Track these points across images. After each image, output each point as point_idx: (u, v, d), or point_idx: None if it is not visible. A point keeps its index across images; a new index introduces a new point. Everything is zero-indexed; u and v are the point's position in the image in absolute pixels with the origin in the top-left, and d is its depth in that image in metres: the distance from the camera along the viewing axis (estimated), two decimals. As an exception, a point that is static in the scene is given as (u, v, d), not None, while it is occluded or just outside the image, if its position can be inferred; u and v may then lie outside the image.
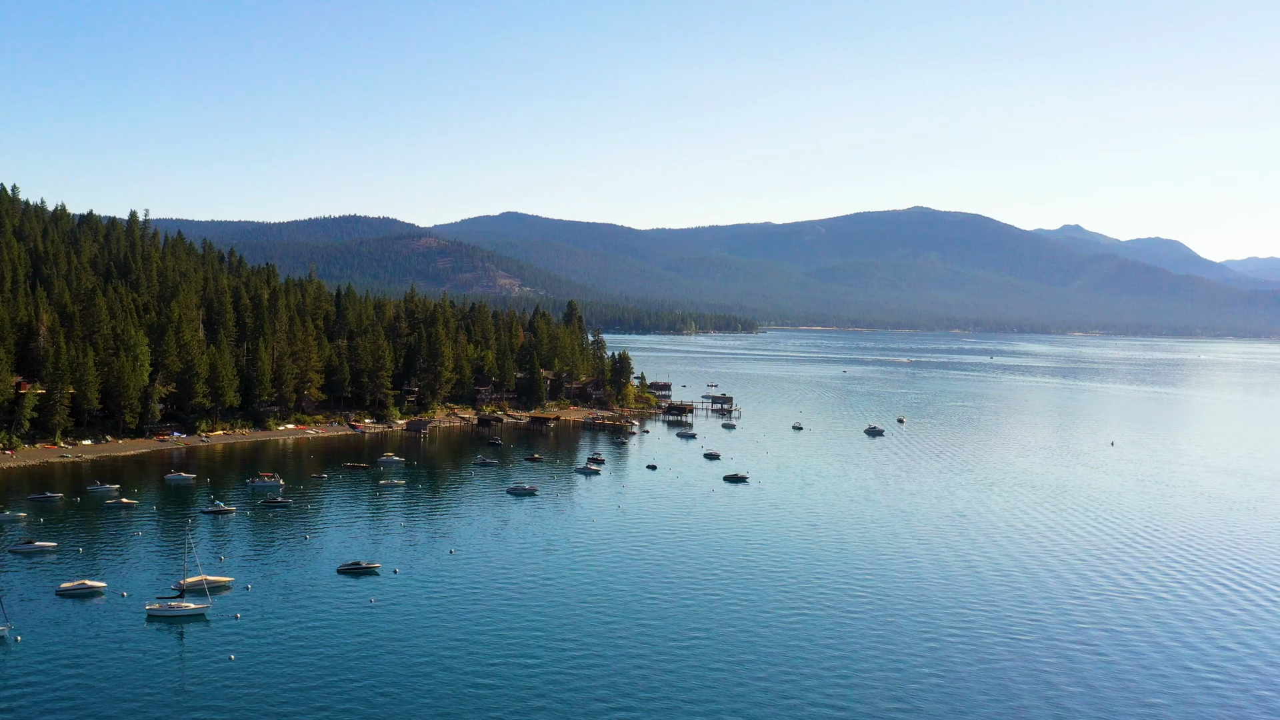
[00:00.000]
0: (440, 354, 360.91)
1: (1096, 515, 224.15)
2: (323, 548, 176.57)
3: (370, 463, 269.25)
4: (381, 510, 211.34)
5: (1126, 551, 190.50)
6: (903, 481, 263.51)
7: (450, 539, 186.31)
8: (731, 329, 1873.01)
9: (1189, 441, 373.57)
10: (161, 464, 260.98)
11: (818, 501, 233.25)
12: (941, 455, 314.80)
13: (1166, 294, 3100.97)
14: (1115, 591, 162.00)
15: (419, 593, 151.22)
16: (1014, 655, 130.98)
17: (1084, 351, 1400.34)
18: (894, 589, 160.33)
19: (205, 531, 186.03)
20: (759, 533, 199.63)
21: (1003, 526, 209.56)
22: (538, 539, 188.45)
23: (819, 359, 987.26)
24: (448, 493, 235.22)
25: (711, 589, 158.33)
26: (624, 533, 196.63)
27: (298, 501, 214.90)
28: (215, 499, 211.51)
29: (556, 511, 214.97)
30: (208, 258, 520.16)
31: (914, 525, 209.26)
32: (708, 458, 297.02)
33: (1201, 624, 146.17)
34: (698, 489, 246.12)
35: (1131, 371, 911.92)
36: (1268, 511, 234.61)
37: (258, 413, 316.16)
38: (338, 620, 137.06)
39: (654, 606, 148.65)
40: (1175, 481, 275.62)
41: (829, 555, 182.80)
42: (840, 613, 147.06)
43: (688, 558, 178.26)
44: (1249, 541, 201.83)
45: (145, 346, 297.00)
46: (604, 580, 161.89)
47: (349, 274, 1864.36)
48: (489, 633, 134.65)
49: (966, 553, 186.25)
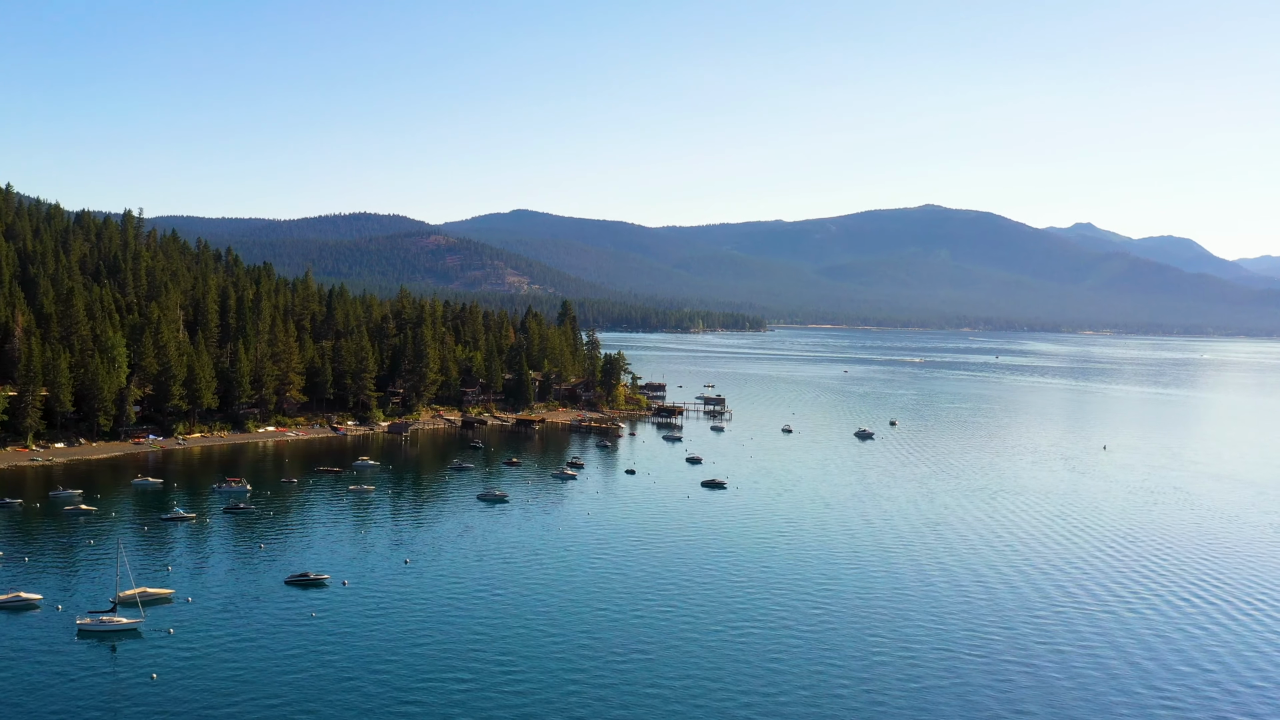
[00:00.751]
0: (425, 355, 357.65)
1: (1073, 524, 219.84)
2: (275, 557, 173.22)
3: (344, 467, 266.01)
4: (345, 517, 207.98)
5: (1097, 564, 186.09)
6: (883, 487, 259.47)
7: (408, 548, 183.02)
8: (739, 327, 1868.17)
9: (1184, 445, 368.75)
10: (136, 467, 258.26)
11: (792, 508, 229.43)
12: (927, 460, 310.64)
13: (1179, 293, 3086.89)
14: (1077, 606, 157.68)
15: (364, 605, 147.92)
16: (984, 670, 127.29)
17: (1092, 351, 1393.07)
18: (857, 599, 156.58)
19: (159, 540, 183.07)
20: (728, 541, 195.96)
21: (974, 536, 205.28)
22: (498, 548, 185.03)
23: (822, 358, 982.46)
24: (416, 499, 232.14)
25: (669, 600, 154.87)
26: (588, 541, 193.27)
27: (262, 508, 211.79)
28: (176, 506, 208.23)
29: (524, 519, 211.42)
30: (202, 256, 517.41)
31: (885, 534, 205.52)
32: (690, 462, 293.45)
33: (1160, 638, 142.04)
34: (673, 495, 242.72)
35: (1137, 372, 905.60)
36: (1250, 520, 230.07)
37: (237, 415, 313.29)
38: (274, 635, 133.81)
39: (605, 618, 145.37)
40: (1161, 488, 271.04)
41: (796, 565, 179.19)
42: (798, 624, 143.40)
43: (649, 567, 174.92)
44: (1225, 554, 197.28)
45: (123, 348, 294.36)
46: (557, 591, 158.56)
47: (358, 271, 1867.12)
48: (428, 646, 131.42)
49: (933, 562, 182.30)
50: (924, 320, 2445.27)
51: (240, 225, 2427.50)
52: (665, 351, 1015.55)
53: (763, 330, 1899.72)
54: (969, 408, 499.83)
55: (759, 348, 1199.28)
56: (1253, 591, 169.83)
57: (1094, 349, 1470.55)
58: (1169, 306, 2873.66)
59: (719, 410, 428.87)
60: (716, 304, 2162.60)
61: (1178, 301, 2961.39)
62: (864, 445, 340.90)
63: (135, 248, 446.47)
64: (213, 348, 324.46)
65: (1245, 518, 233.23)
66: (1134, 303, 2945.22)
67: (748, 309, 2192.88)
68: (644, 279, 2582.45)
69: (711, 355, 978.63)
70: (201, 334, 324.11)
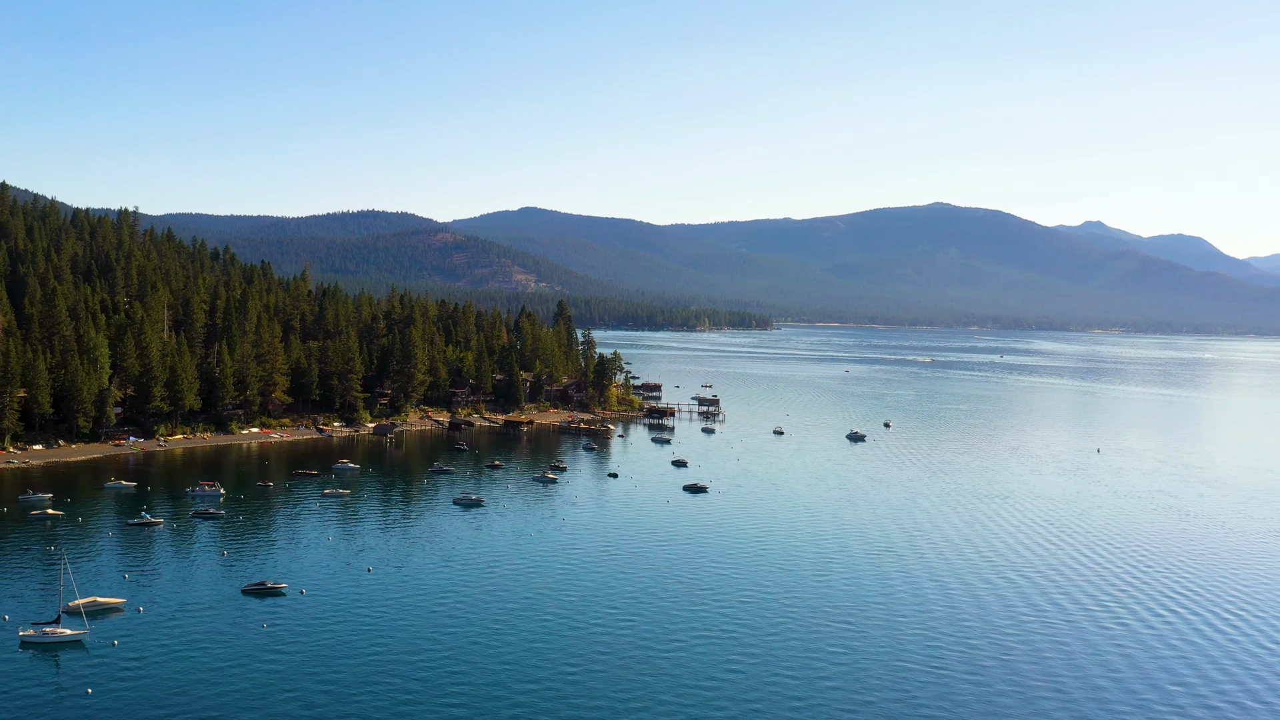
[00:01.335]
0: (413, 356, 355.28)
1: (1053, 531, 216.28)
2: (237, 564, 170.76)
3: (323, 470, 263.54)
4: (315, 523, 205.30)
5: (1071, 572, 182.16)
6: (866, 492, 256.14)
7: (375, 555, 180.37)
8: (746, 326, 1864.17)
9: (1179, 448, 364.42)
10: (116, 470, 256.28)
11: (770, 514, 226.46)
12: (916, 463, 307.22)
13: (1188, 291, 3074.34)
14: (1040, 616, 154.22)
15: (319, 614, 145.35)
16: (935, 684, 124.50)
17: (1099, 350, 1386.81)
18: (818, 610, 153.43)
19: (121, 546, 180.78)
20: (699, 548, 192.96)
21: (950, 544, 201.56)
22: (465, 554, 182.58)
23: (825, 358, 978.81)
24: (391, 503, 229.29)
25: (628, 609, 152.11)
26: (556, 547, 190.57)
27: (232, 512, 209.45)
28: (144, 510, 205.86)
29: (496, 524, 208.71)
30: (198, 255, 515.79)
31: (860, 541, 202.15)
32: (675, 465, 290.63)
33: (1125, 649, 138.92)
34: (653, 499, 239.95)
35: (1141, 372, 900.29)
36: (1234, 527, 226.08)
37: (221, 416, 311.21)
38: (220, 646, 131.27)
39: (559, 626, 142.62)
40: (1149, 493, 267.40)
41: (764, 573, 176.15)
42: (767, 634, 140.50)
43: (614, 574, 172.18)
44: (1204, 563, 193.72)
45: (105, 349, 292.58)
46: (515, 597, 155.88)
47: (365, 269, 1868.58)
48: (376, 655, 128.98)
49: (902, 570, 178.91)
50: (932, 319, 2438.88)
51: (248, 223, 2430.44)
52: (668, 350, 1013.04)
53: (769, 329, 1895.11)
54: (966, 409, 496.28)
55: (763, 346, 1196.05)
56: (1229, 602, 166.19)
57: (1100, 348, 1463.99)
58: (1179, 305, 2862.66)
59: (712, 411, 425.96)
60: (724, 302, 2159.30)
61: (1187, 300, 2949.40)
62: (854, 448, 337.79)
63: (129, 247, 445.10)
64: (199, 348, 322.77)
65: (1230, 524, 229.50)
66: (1143, 301, 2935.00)
67: (756, 307, 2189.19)
68: (652, 277, 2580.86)
69: (714, 354, 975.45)
70: (184, 335, 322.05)
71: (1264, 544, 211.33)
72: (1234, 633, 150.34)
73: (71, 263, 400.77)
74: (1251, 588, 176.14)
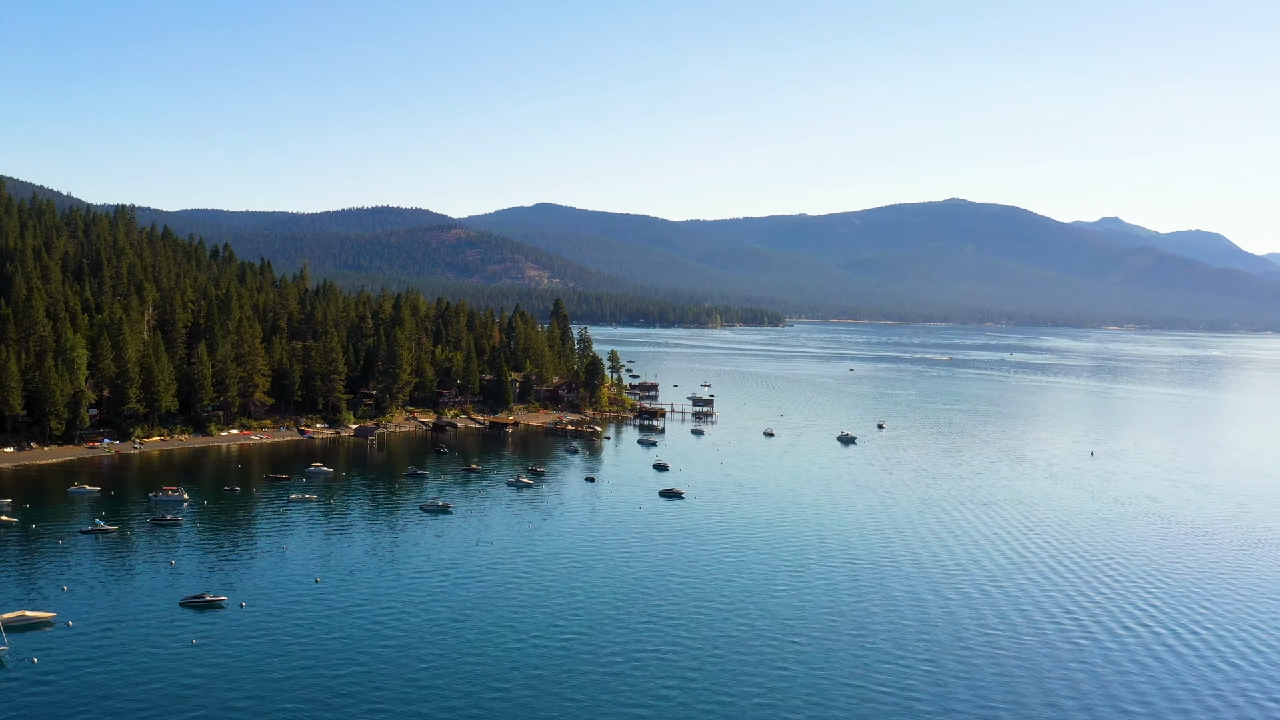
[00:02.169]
0: (398, 356, 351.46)
1: (1032, 538, 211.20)
2: (182, 575, 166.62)
3: (295, 473, 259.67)
4: (272, 530, 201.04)
5: (1047, 582, 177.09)
6: (846, 497, 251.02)
7: (328, 564, 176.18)
8: (758, 322, 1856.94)
9: (1176, 451, 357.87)
10: (90, 473, 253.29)
11: (744, 521, 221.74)
12: (904, 467, 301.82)
13: (1205, 287, 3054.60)
14: (1009, 627, 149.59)
15: (254, 629, 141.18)
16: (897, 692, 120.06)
17: (1111, 348, 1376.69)
18: (794, 619, 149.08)
19: (68, 555, 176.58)
20: (667, 557, 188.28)
21: (925, 552, 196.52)
22: (419, 564, 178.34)
23: (832, 356, 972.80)
24: (356, 509, 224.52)
25: (586, 621, 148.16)
26: (518, 555, 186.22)
27: (192, 519, 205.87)
28: (99, 518, 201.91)
29: (460, 531, 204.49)
30: (195, 253, 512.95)
31: (835, 549, 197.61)
32: (656, 468, 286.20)
33: (1088, 661, 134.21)
34: (625, 505, 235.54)
35: (1151, 370, 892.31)
36: (1220, 536, 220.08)
37: (199, 418, 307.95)
38: (148, 664, 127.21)
39: (514, 641, 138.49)
40: (1138, 499, 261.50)
41: (736, 583, 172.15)
42: (721, 651, 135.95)
43: (575, 584, 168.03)
44: (1183, 574, 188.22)
45: (83, 350, 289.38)
46: (463, 610, 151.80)
47: (378, 265, 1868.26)
48: (306, 671, 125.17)
49: (872, 581, 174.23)
50: (946, 315, 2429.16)
51: (262, 218, 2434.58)
52: (676, 348, 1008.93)
53: (781, 325, 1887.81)
54: (965, 409, 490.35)
55: (772, 344, 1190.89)
56: (1193, 616, 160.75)
57: (1113, 345, 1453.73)
58: (1195, 301, 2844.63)
59: (705, 412, 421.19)
60: (739, 298, 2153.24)
61: (1204, 296, 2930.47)
62: (842, 451, 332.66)
63: (123, 244, 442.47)
64: (180, 348, 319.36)
65: (1216, 533, 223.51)
66: (1160, 298, 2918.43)
67: (770, 303, 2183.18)
68: (667, 272, 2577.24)
69: (721, 352, 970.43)
70: (160, 335, 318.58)
71: (1241, 554, 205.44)
72: (1190, 653, 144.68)
73: (62, 261, 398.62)
74: (1219, 601, 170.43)
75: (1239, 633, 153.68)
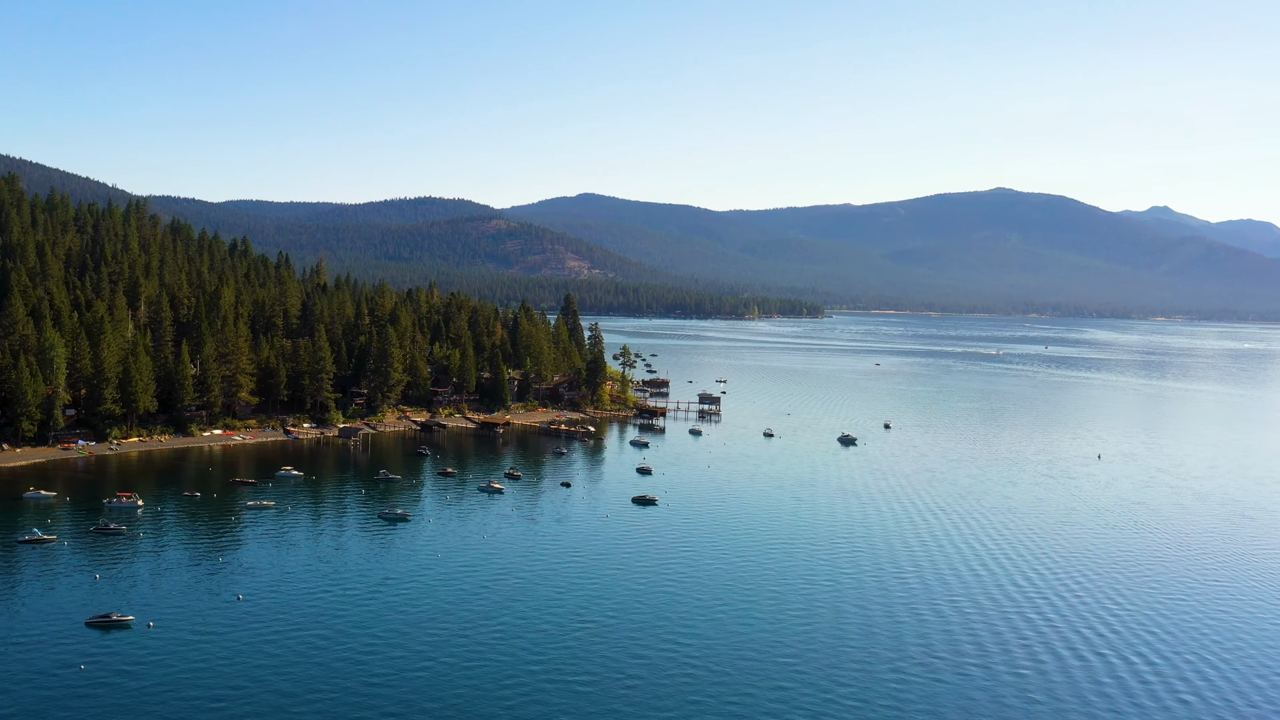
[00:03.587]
0: (389, 355, 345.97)
1: (1013, 550, 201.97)
2: (99, 590, 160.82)
3: (265, 477, 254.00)
4: (216, 540, 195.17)
5: (1012, 602, 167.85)
6: (827, 506, 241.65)
7: (257, 578, 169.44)
8: (796, 314, 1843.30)
9: (1185, 454, 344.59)
10: (65, 475, 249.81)
11: (711, 531, 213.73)
12: (897, 471, 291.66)
13: (1256, 278, 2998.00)
14: (986, 652, 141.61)
15: (155, 652, 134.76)
16: None
17: (1152, 340, 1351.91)
18: (748, 644, 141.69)
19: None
20: (622, 572, 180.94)
21: (896, 568, 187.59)
22: (355, 579, 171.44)
23: (864, 349, 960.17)
24: (311, 518, 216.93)
25: (519, 642, 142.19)
26: (463, 570, 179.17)
27: (137, 528, 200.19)
28: (40, 526, 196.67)
29: (410, 542, 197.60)
30: (209, 247, 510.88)
31: (799, 562, 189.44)
32: (639, 472, 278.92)
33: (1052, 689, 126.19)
34: (593, 513, 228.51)
35: (1188, 365, 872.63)
36: (1210, 551, 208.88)
37: (181, 418, 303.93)
38: (19, 692, 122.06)
39: (441, 664, 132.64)
40: (1132, 508, 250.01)
41: (694, 601, 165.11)
42: (652, 675, 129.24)
43: (515, 601, 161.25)
44: (1156, 594, 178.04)
45: (61, 349, 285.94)
46: (389, 631, 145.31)
47: (419, 256, 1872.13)
48: (198, 706, 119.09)
49: (834, 598, 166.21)
50: (990, 306, 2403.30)
51: (308, 209, 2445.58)
52: (705, 341, 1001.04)
53: (820, 317, 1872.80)
54: (980, 407, 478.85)
55: (806, 337, 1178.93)
56: (1157, 640, 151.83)
57: (1155, 338, 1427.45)
58: (1245, 292, 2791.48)
59: (709, 411, 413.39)
60: (780, 289, 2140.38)
61: (1255, 287, 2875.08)
62: (840, 453, 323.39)
63: (131, 239, 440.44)
64: (168, 347, 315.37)
65: (1206, 548, 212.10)
66: (1209, 288, 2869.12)
67: (812, 294, 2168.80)
68: (708, 263, 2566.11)
69: (751, 345, 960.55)
70: (150, 333, 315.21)
71: (1224, 571, 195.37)
72: (1155, 676, 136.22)
73: (66, 257, 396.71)
74: (1178, 625, 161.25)
75: (1190, 655, 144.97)
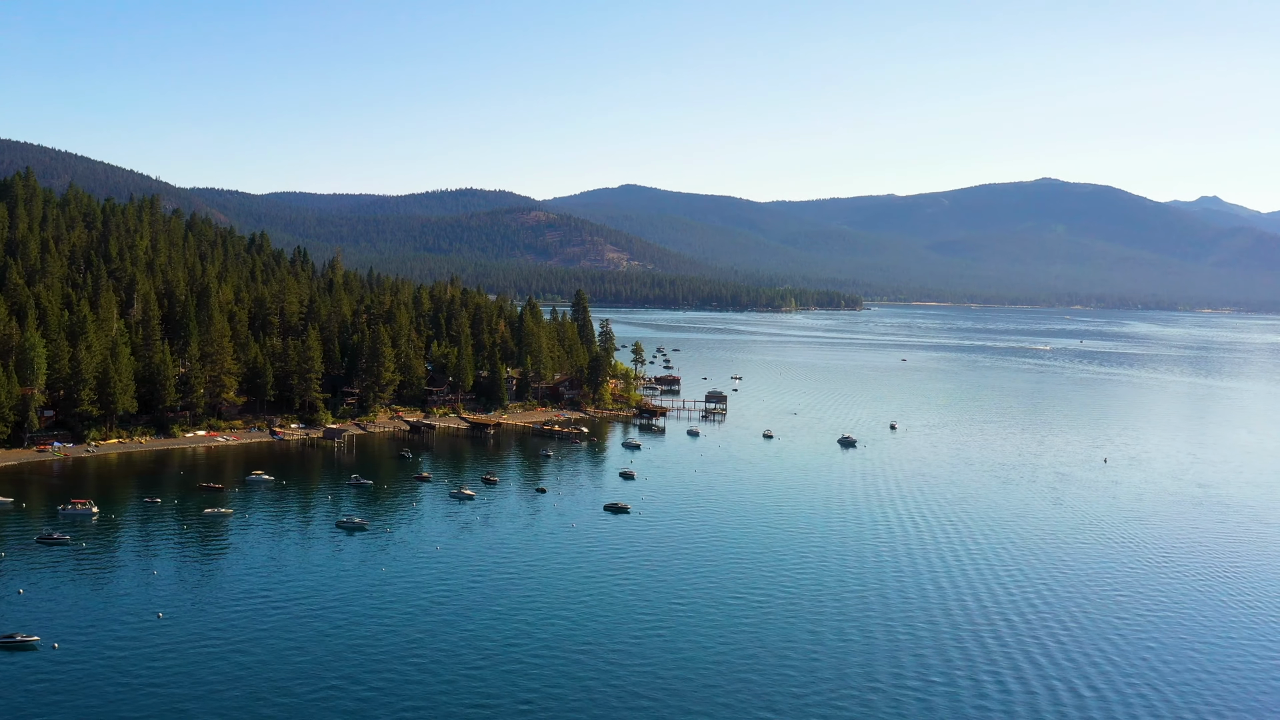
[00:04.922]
0: (380, 354, 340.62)
1: (995, 567, 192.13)
2: (17, 606, 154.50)
3: (234, 482, 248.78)
4: (159, 552, 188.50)
5: (1003, 622, 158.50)
6: (808, 516, 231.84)
7: (182, 595, 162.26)
8: (834, 306, 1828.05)
9: (1197, 458, 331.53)
10: (40, 478, 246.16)
11: (686, 542, 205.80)
12: (891, 477, 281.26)
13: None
14: (946, 666, 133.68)
15: (53, 677, 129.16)
16: None
17: (1194, 333, 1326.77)
18: (669, 666, 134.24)
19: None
20: (578, 588, 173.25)
21: (865, 585, 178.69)
22: (290, 595, 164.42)
23: (896, 344, 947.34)
24: (265, 527, 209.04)
25: (457, 669, 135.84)
26: (409, 585, 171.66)
27: (84, 538, 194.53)
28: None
29: (359, 554, 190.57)
30: (227, 242, 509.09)
31: (767, 579, 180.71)
32: (622, 476, 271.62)
33: None
34: (562, 522, 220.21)
35: (1224, 360, 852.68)
36: (1203, 568, 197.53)
37: (163, 418, 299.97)
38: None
39: (369, 690, 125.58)
40: (1127, 518, 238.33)
41: (649, 619, 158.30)
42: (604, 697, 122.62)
43: (459, 621, 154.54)
44: (1135, 618, 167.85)
45: (42, 349, 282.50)
46: (320, 655, 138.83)
47: (458, 248, 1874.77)
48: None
49: (798, 614, 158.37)
50: (1033, 298, 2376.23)
51: (349, 201, 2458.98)
52: (735, 335, 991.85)
53: (858, 309, 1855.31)
54: (996, 405, 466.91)
55: (839, 330, 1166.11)
56: (1108, 660, 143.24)
57: (1197, 331, 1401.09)
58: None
59: (714, 410, 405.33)
60: (820, 280, 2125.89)
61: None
62: (837, 457, 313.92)
63: (138, 234, 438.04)
64: (157, 345, 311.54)
65: (1198, 565, 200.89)
66: (1259, 279, 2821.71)
67: (852, 285, 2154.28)
68: (749, 255, 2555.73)
69: (779, 340, 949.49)
70: (142, 331, 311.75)
71: (1202, 587, 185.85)
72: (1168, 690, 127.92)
73: (70, 253, 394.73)
74: (1189, 645, 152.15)
75: (1150, 674, 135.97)
